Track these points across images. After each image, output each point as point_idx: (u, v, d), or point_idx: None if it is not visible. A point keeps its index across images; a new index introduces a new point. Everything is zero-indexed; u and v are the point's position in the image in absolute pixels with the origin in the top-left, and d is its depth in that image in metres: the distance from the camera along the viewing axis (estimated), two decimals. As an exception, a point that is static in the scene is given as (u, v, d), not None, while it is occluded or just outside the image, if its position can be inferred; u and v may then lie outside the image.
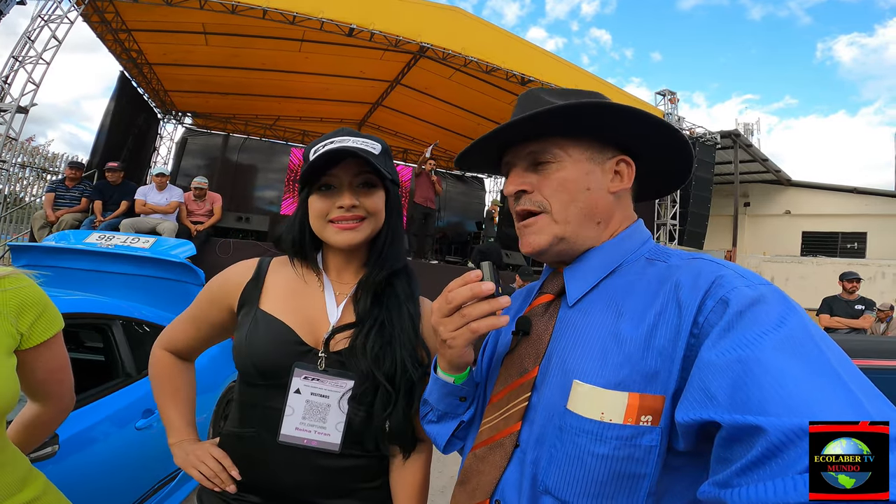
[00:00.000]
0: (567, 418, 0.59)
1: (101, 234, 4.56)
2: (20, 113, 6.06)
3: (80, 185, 5.87)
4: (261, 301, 0.93)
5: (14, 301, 0.85)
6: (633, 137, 0.70)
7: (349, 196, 0.90)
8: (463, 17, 7.38)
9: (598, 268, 0.68)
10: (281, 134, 11.33)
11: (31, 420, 0.99)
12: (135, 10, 6.43)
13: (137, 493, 1.96)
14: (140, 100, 8.79)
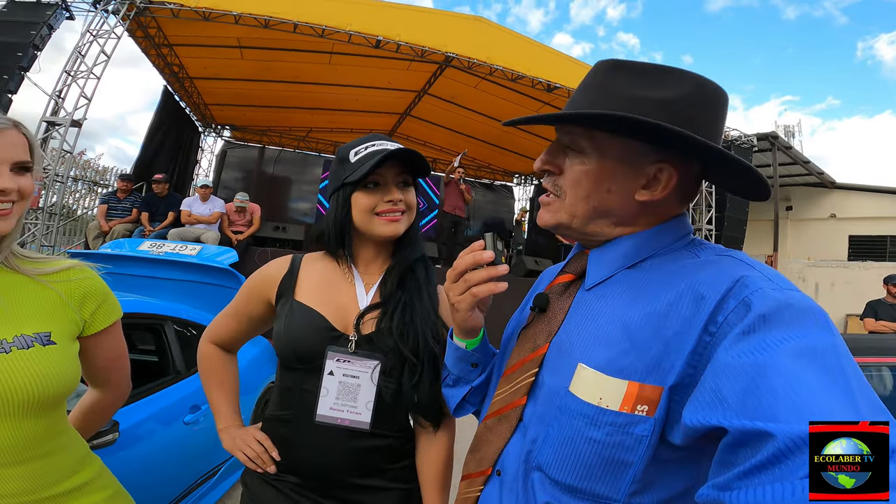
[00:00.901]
0: (567, 399, 0.60)
1: (152, 243, 4.86)
2: (73, 127, 6.30)
3: (130, 197, 6.24)
4: (296, 293, 1.03)
5: (78, 291, 0.91)
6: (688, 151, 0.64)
7: (396, 191, 1.01)
8: (487, 27, 7.46)
9: (623, 256, 0.67)
10: (314, 145, 11.65)
11: (91, 406, 1.06)
12: (175, 24, 6.74)
13: (183, 486, 2.05)
14: (182, 113, 9.22)
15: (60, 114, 6.20)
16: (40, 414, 0.84)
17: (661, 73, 0.64)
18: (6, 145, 0.81)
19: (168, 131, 8.38)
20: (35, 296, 0.87)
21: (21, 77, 5.81)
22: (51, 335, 0.85)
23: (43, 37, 5.97)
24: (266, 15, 6.27)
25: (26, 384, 0.80)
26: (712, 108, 0.64)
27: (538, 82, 7.61)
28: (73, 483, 0.89)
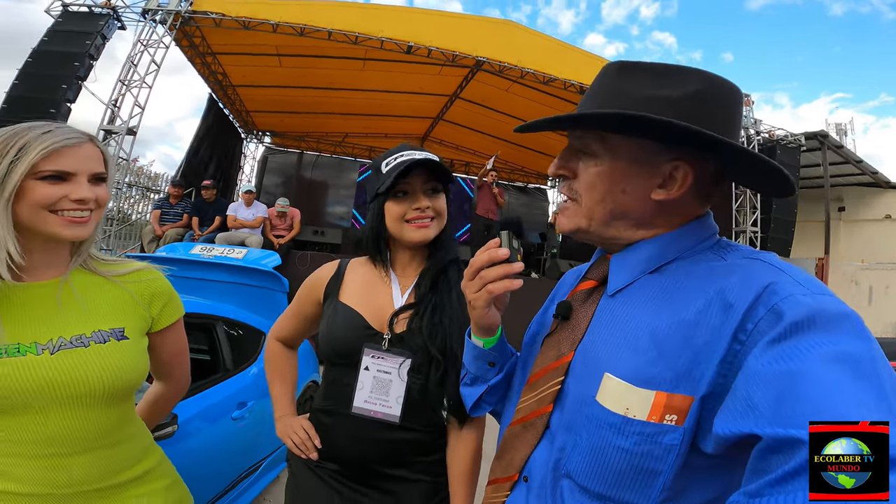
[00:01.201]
0: (594, 409, 0.60)
1: (202, 246, 5.12)
2: (129, 135, 6.65)
3: (181, 202, 6.57)
4: (340, 294, 1.13)
5: (148, 290, 0.99)
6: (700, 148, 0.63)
7: (424, 199, 1.07)
8: (517, 30, 7.47)
9: (646, 260, 0.66)
10: (350, 150, 11.92)
11: (155, 398, 1.14)
12: (217, 33, 7.06)
13: (229, 479, 2.15)
14: (226, 120, 9.63)
15: (116, 122, 6.53)
16: (113, 404, 0.90)
17: (670, 72, 0.64)
18: (84, 158, 0.87)
19: (213, 137, 8.77)
20: (110, 295, 0.94)
21: (78, 86, 6.15)
22: (124, 331, 0.92)
23: (97, 46, 6.27)
24: (302, 23, 6.51)
25: (102, 375, 0.86)
26: (724, 104, 0.63)
27: (570, 84, 7.54)
28: (137, 471, 0.95)
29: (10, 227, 0.81)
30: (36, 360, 0.83)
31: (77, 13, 6.46)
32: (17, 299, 0.85)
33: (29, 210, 0.83)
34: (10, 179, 0.80)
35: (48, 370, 0.83)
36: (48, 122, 0.87)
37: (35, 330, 0.85)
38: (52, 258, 0.89)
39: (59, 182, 0.84)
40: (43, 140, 0.83)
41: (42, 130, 0.84)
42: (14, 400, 0.81)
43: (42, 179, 0.82)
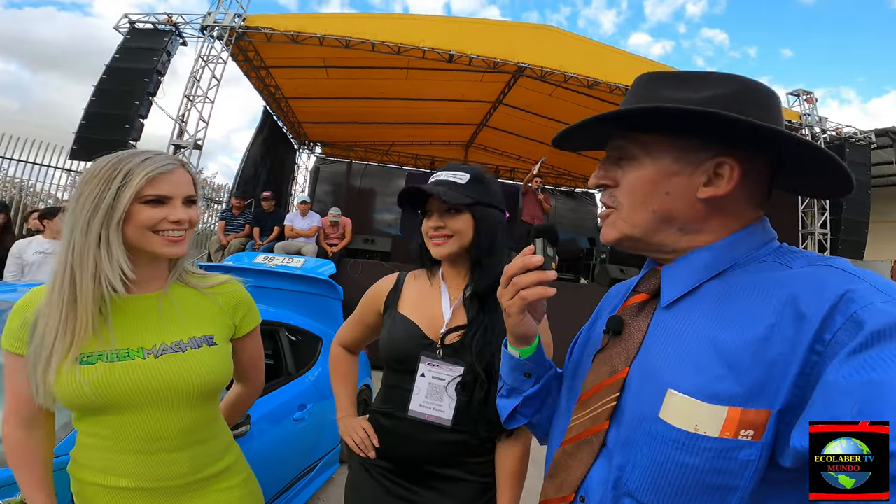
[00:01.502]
0: (657, 426, 0.58)
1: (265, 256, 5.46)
2: (195, 149, 6.99)
3: (243, 213, 6.97)
4: (399, 305, 1.22)
5: (231, 300, 1.08)
6: (744, 140, 0.61)
7: (436, 218, 1.15)
8: (557, 35, 7.41)
9: (700, 269, 0.63)
10: (396, 159, 12.20)
11: (235, 399, 1.24)
12: (269, 48, 7.42)
13: (288, 478, 2.27)
14: (280, 131, 10.08)
15: (184, 136, 6.91)
16: (203, 404, 1.01)
17: (704, 76, 0.64)
18: (178, 183, 0.96)
19: (269, 149, 9.19)
20: (201, 305, 1.04)
21: (149, 102, 6.50)
22: (213, 337, 1.02)
23: (164, 63, 6.62)
24: (347, 36, 6.76)
25: (197, 377, 0.96)
26: (761, 104, 0.62)
27: (616, 87, 7.37)
28: (220, 466, 1.04)
29: (121, 246, 0.91)
30: (143, 364, 0.93)
31: (143, 30, 6.86)
32: (127, 309, 0.95)
33: (135, 231, 0.92)
34: (119, 204, 0.89)
35: (153, 372, 0.93)
36: (146, 150, 0.97)
37: (141, 336, 0.95)
38: (155, 273, 1.00)
39: (158, 205, 0.93)
40: (144, 167, 0.91)
41: (142, 158, 0.93)
42: (124, 399, 0.91)
43: (145, 203, 0.92)
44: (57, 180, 9.96)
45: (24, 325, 0.93)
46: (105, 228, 0.89)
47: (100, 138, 6.26)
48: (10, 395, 0.96)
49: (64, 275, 0.90)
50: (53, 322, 0.89)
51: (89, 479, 0.95)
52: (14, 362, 0.94)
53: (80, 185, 0.92)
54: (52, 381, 0.88)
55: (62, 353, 0.88)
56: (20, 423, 0.96)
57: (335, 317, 3.07)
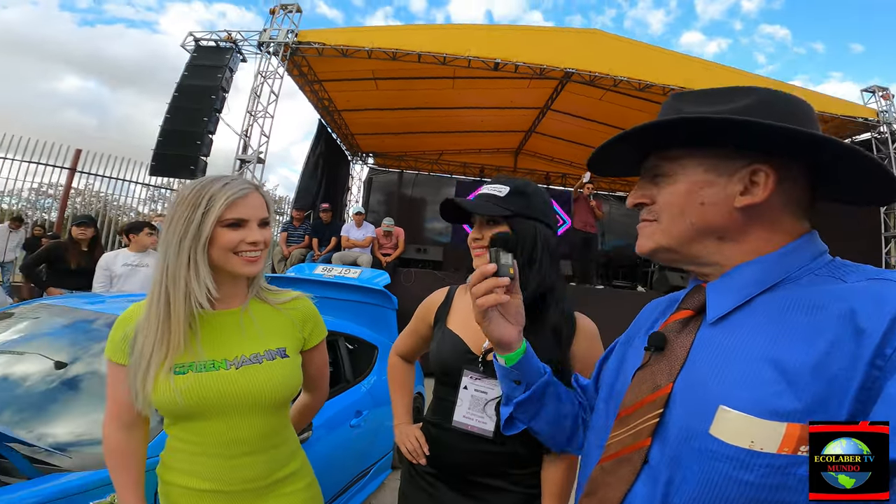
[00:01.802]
0: (707, 443, 0.57)
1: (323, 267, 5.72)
2: (259, 163, 7.31)
3: (303, 225, 7.26)
4: (448, 320, 1.26)
5: (301, 315, 1.15)
6: (776, 146, 0.61)
7: (476, 229, 1.19)
8: (604, 38, 7.28)
9: (749, 284, 0.63)
10: (446, 167, 12.33)
11: (302, 407, 1.30)
12: (321, 62, 7.68)
13: (343, 483, 2.37)
14: (334, 143, 10.44)
15: (248, 151, 7.24)
16: (276, 411, 1.07)
17: (729, 90, 0.65)
18: (254, 206, 1.02)
19: (324, 161, 9.51)
20: (275, 320, 1.11)
21: (216, 118, 6.86)
22: (286, 350, 1.08)
23: (227, 79, 6.96)
24: (393, 48, 6.95)
25: (272, 387, 1.03)
26: (784, 111, 0.62)
27: (670, 89, 7.11)
28: (287, 471, 1.10)
29: (207, 267, 0.99)
30: (226, 374, 1.00)
31: (206, 48, 7.14)
32: (213, 324, 1.03)
33: (219, 252, 0.99)
34: (204, 228, 0.97)
35: (234, 382, 1.00)
36: (224, 175, 1.04)
37: (225, 348, 1.03)
38: (235, 290, 1.08)
39: (237, 228, 1.00)
40: (224, 192, 0.99)
41: (222, 183, 1.00)
42: (209, 406, 0.98)
43: (226, 226, 0.99)
44: (137, 194, 10.96)
45: (125, 337, 1.01)
46: (193, 251, 0.97)
47: (175, 154, 6.72)
48: (111, 401, 1.04)
49: (160, 293, 0.98)
50: (151, 336, 0.97)
51: (175, 480, 1.02)
52: (116, 371, 1.02)
53: (171, 211, 1.01)
54: (150, 389, 0.96)
55: (158, 363, 0.96)
56: (120, 426, 1.04)
57: (390, 326, 3.16)
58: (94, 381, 1.57)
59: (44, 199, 10.47)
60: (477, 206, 1.16)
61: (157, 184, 10.92)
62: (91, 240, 4.13)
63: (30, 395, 1.56)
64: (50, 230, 8.85)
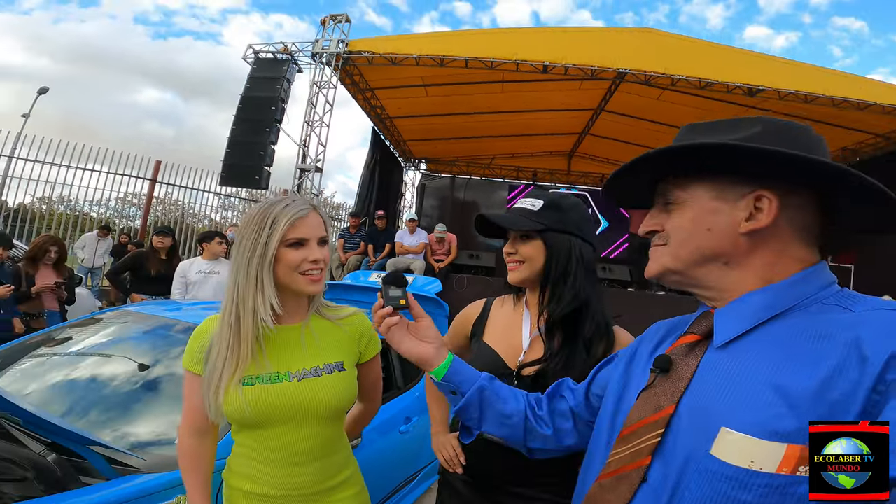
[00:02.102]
0: (707, 463, 0.58)
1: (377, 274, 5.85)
2: (317, 172, 7.64)
3: (359, 231, 7.38)
4: (484, 334, 1.29)
5: (357, 330, 1.19)
6: (776, 173, 0.63)
7: (510, 244, 1.21)
8: (658, 37, 7.03)
9: (756, 311, 0.64)
10: (498, 171, 12.32)
11: (356, 417, 1.34)
12: (371, 70, 7.78)
13: (391, 487, 2.45)
14: (388, 150, 10.64)
15: (307, 161, 7.57)
16: (332, 422, 1.12)
17: (736, 121, 0.67)
18: (313, 225, 1.07)
19: (379, 168, 9.73)
20: (334, 335, 1.15)
21: (277, 129, 7.18)
22: (343, 364, 1.13)
23: (286, 90, 7.25)
24: (441, 55, 7.01)
25: (330, 398, 1.08)
26: (792, 140, 0.63)
27: (734, 87, 6.81)
28: (340, 478, 1.14)
29: (272, 285, 1.04)
30: (289, 386, 1.05)
31: (265, 59, 7.47)
32: (277, 338, 1.08)
33: (283, 271, 1.04)
34: (269, 248, 1.02)
35: (296, 394, 1.05)
36: (285, 197, 1.09)
37: (288, 362, 1.08)
38: (298, 307, 1.12)
39: (299, 247, 1.05)
40: (286, 213, 1.04)
41: (283, 205, 1.05)
42: (273, 416, 1.04)
43: (289, 246, 1.04)
44: (210, 202, 11.78)
45: (201, 349, 1.07)
46: (260, 271, 1.02)
47: (242, 164, 7.11)
48: (187, 408, 1.11)
49: (231, 311, 1.04)
50: (223, 350, 1.03)
51: (237, 484, 1.08)
52: (192, 380, 1.09)
53: (239, 234, 1.07)
54: (221, 399, 1.02)
55: (229, 376, 1.02)
56: (194, 432, 1.11)
57: (441, 333, 3.16)
58: (170, 384, 1.72)
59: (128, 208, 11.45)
60: (508, 221, 1.18)
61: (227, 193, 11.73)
62: (169, 248, 4.46)
63: (111, 397, 1.69)
64: (135, 238, 9.63)
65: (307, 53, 7.55)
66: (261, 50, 7.61)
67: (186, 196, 11.14)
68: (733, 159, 0.63)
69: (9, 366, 1.94)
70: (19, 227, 9.70)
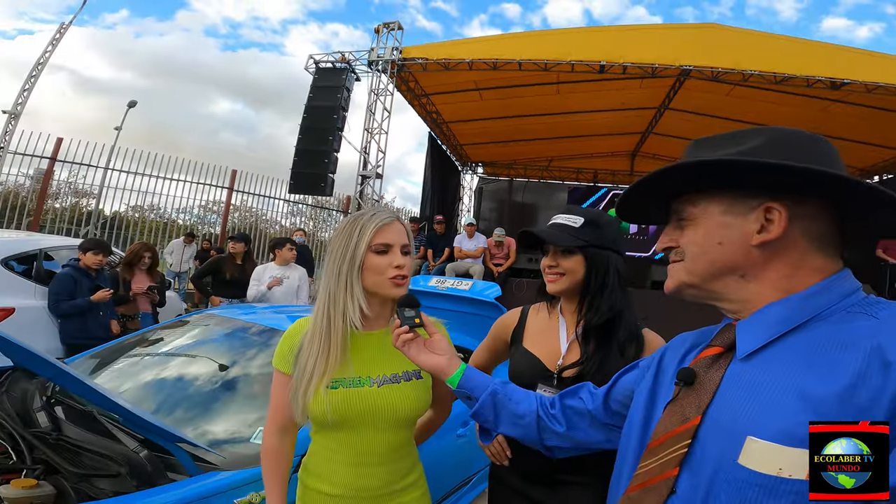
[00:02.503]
0: (735, 472, 0.59)
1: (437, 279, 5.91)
2: (377, 178, 7.86)
3: (419, 236, 7.41)
4: (523, 339, 1.37)
5: None
6: (787, 184, 0.63)
7: (549, 258, 1.29)
8: (724, 32, 6.68)
9: (777, 322, 0.64)
10: (556, 174, 12.14)
11: (427, 422, 1.35)
12: (426, 76, 7.92)
13: (448, 488, 2.49)
14: (444, 155, 10.73)
15: (367, 167, 7.79)
16: (406, 427, 1.15)
17: (741, 133, 0.68)
18: (397, 232, 1.11)
19: (437, 173, 9.85)
20: None
21: (339, 137, 7.42)
22: (420, 372, 1.15)
23: (346, 99, 7.46)
24: (493, 58, 7.00)
25: (407, 405, 1.11)
26: (797, 149, 0.64)
27: (815, 81, 6.34)
28: (407, 481, 1.16)
29: (361, 289, 1.08)
30: (369, 391, 1.09)
31: (325, 69, 7.68)
32: (360, 344, 1.12)
33: (370, 276, 1.08)
34: (358, 253, 1.07)
35: (375, 399, 1.08)
36: (370, 208, 1.15)
37: (369, 367, 1.11)
38: (381, 313, 1.16)
39: (384, 254, 1.09)
40: (373, 220, 1.09)
41: (371, 214, 1.11)
42: (352, 419, 1.07)
43: (375, 252, 1.08)
44: (280, 209, 12.49)
45: (291, 350, 1.11)
46: (349, 275, 1.07)
47: (308, 172, 7.42)
48: (273, 406, 1.14)
49: (323, 314, 1.08)
50: (314, 353, 1.07)
51: (311, 484, 1.11)
52: (280, 379, 1.13)
53: (331, 244, 1.14)
54: (309, 401, 1.05)
55: (319, 378, 1.05)
56: (277, 430, 1.13)
57: None
58: (245, 384, 1.84)
59: (209, 215, 12.38)
60: (554, 238, 1.25)
61: (295, 200, 12.39)
62: (244, 254, 4.81)
63: (194, 396, 1.78)
64: (216, 244, 10.35)
65: (364, 62, 7.75)
66: (321, 60, 7.84)
67: (259, 203, 11.90)
68: (736, 174, 0.64)
69: (107, 365, 2.11)
70: (115, 235, 10.79)
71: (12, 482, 1.22)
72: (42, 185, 10.22)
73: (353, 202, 8.18)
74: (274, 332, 2.14)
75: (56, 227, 10.46)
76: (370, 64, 7.71)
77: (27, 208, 10.15)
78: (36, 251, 3.84)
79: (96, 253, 3.60)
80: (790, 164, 0.60)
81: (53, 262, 3.94)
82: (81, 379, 1.30)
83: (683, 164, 0.67)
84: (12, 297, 3.46)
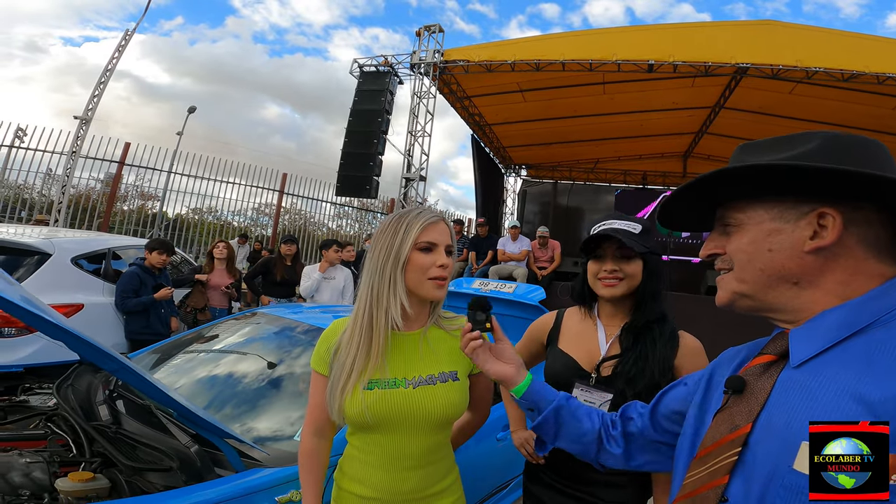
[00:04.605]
0: (793, 477, 0.57)
1: (480, 281, 5.93)
2: (421, 181, 7.96)
3: (462, 239, 7.55)
4: (559, 341, 1.41)
5: None
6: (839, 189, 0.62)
7: (611, 262, 1.30)
8: (782, 29, 6.34)
9: (832, 329, 0.63)
10: (603, 176, 11.86)
11: (464, 425, 1.33)
12: (468, 79, 7.93)
13: (486, 491, 2.48)
14: (487, 157, 10.72)
15: (411, 170, 7.91)
16: (442, 429, 1.13)
17: (791, 137, 0.66)
18: (442, 232, 1.11)
19: (480, 175, 9.86)
20: (449, 345, 1.16)
21: (384, 140, 7.56)
22: (457, 374, 1.14)
23: (389, 102, 7.59)
24: (536, 59, 6.92)
25: (443, 407, 1.09)
26: (848, 153, 0.63)
27: (887, 78, 5.91)
28: (443, 485, 1.15)
29: (404, 287, 1.07)
30: (405, 392, 1.07)
31: (369, 73, 7.85)
32: (397, 344, 1.11)
33: (413, 275, 1.08)
34: (402, 250, 1.07)
35: (411, 400, 1.07)
36: (415, 207, 1.16)
37: (405, 368, 1.10)
38: (420, 314, 1.15)
39: (429, 252, 1.08)
40: (419, 219, 1.09)
41: (417, 212, 1.11)
42: (388, 421, 1.06)
43: (420, 250, 1.08)
44: (327, 211, 12.89)
45: (328, 350, 1.11)
46: (393, 272, 1.06)
47: (354, 175, 7.60)
48: (310, 407, 1.14)
49: (364, 312, 1.08)
50: (353, 352, 1.06)
51: (346, 486, 1.11)
52: (318, 380, 1.13)
53: (374, 241, 1.13)
54: (346, 402, 1.05)
55: (357, 378, 1.05)
56: (314, 431, 1.14)
57: None
58: (290, 382, 1.88)
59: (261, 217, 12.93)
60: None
61: (342, 202, 12.74)
62: (294, 255, 5.00)
63: (242, 393, 1.81)
64: (267, 245, 10.78)
65: (406, 65, 7.87)
66: (365, 64, 8.02)
67: (308, 205, 12.30)
68: (787, 179, 0.62)
69: (166, 360, 2.20)
70: (177, 236, 11.46)
71: (70, 475, 1.27)
72: (111, 188, 11.00)
73: (396, 205, 8.32)
74: (319, 331, 2.20)
75: (124, 229, 11.18)
76: (412, 67, 7.81)
77: (98, 210, 10.93)
78: (104, 250, 4.04)
79: (161, 252, 3.83)
80: (847, 169, 0.58)
81: (121, 261, 4.15)
82: (141, 373, 1.36)
83: (733, 168, 0.65)
84: (82, 293, 3.65)
